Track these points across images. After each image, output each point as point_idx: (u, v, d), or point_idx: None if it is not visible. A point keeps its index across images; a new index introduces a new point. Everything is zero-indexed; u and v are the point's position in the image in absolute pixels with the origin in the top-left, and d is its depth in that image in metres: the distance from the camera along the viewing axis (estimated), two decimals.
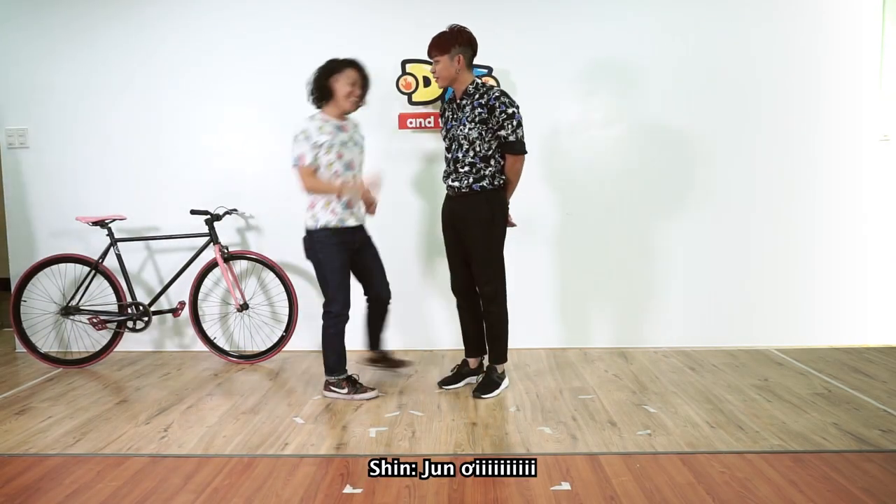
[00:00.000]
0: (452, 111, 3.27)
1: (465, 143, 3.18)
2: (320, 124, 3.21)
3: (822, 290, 4.21)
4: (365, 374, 3.66)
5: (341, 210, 3.22)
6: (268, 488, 2.37)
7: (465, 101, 3.19)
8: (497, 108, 3.09)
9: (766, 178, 4.14)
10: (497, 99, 3.10)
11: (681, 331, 4.23)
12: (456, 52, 3.15)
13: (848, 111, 4.10)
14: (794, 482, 2.34)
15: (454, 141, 3.23)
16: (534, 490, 2.31)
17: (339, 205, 3.21)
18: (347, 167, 3.23)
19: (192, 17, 4.16)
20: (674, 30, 4.07)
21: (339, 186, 3.16)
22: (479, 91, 3.17)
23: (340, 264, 3.23)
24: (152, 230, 4.27)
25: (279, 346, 4.02)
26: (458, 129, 3.20)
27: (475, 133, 3.14)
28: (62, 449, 2.76)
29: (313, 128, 3.19)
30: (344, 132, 3.25)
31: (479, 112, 3.13)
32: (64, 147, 4.27)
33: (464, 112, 3.18)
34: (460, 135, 3.19)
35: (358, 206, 3.29)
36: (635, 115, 4.10)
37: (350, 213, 3.25)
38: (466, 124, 3.16)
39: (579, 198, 4.16)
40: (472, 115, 3.15)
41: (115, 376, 3.82)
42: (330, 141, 3.17)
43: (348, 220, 3.24)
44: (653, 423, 2.93)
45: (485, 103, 3.12)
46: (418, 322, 4.26)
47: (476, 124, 3.14)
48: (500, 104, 3.10)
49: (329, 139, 3.18)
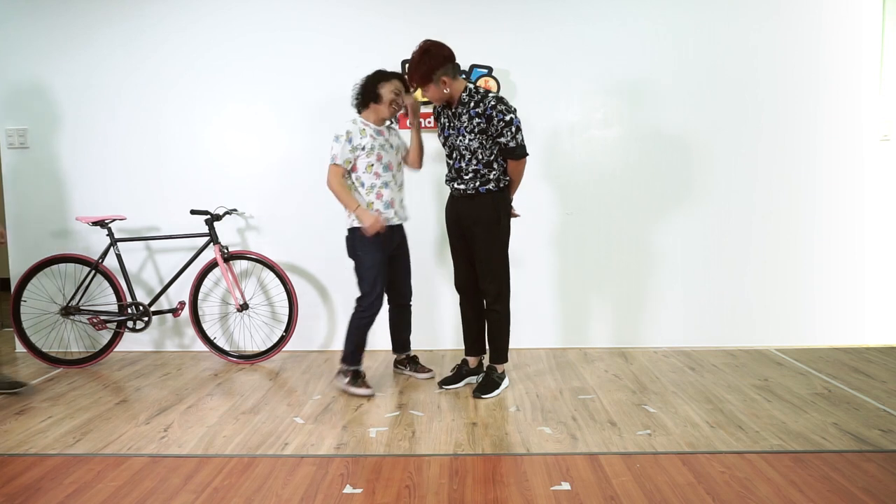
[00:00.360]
0: (448, 118, 3.25)
1: (468, 154, 3.18)
2: (362, 127, 3.34)
3: (822, 290, 4.21)
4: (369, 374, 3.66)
5: (384, 209, 3.36)
6: (268, 488, 2.37)
7: (460, 110, 3.17)
8: (494, 118, 3.08)
9: (766, 178, 4.14)
10: (493, 108, 3.08)
11: (681, 331, 4.23)
12: (439, 76, 3.10)
13: (848, 111, 4.10)
14: (794, 482, 2.34)
15: (455, 150, 3.23)
16: (534, 490, 2.31)
17: (381, 204, 3.35)
18: (386, 168, 3.36)
19: (191, 18, 4.16)
20: (674, 31, 4.07)
21: (355, 208, 3.27)
22: (474, 99, 3.13)
23: (377, 261, 3.35)
24: (152, 230, 4.27)
25: (279, 346, 4.02)
26: (457, 138, 3.20)
27: (476, 143, 3.14)
28: (62, 449, 2.76)
29: (356, 130, 3.32)
30: (382, 136, 3.38)
31: (477, 122, 3.12)
32: (64, 147, 4.27)
33: (461, 121, 3.17)
34: (461, 145, 3.19)
35: (400, 205, 3.43)
36: (635, 115, 4.11)
37: (393, 212, 3.39)
38: (466, 135, 3.15)
39: (579, 198, 4.16)
40: (469, 125, 3.14)
41: (115, 376, 3.82)
42: (371, 144, 3.31)
43: (391, 219, 3.38)
44: (653, 423, 2.93)
45: (481, 113, 3.10)
46: (418, 322, 4.26)
47: (476, 135, 3.13)
48: (497, 112, 3.07)
49: (370, 142, 3.31)
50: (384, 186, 3.35)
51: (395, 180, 3.41)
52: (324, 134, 3.99)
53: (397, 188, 3.43)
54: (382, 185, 3.34)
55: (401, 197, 3.47)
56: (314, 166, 4.06)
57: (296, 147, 4.18)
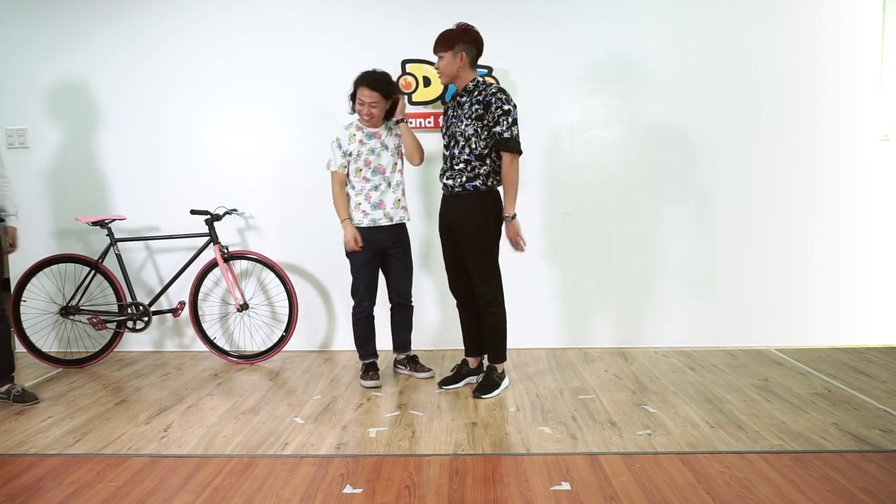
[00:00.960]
0: (453, 108, 3.29)
1: (462, 140, 3.19)
2: (353, 132, 3.44)
3: (822, 290, 4.21)
4: None
5: (371, 210, 3.43)
6: (268, 488, 2.37)
7: (464, 99, 3.21)
8: (493, 104, 3.10)
9: (765, 178, 4.14)
10: (494, 95, 3.11)
11: (681, 331, 4.23)
12: (459, 50, 3.17)
13: (848, 111, 4.10)
14: (794, 482, 2.34)
15: (452, 138, 3.25)
16: (534, 490, 2.31)
17: (369, 205, 3.43)
18: (376, 172, 3.43)
19: (191, 18, 4.16)
20: (674, 31, 4.07)
21: (342, 220, 3.43)
22: (479, 88, 3.19)
23: (363, 262, 3.47)
24: (152, 230, 4.27)
25: (279, 346, 4.02)
26: (456, 125, 3.22)
27: (471, 129, 3.15)
28: (62, 449, 2.76)
29: (345, 136, 3.44)
30: (376, 138, 3.44)
31: (475, 108, 3.15)
32: (64, 147, 4.27)
33: (462, 109, 3.20)
34: (457, 131, 3.21)
35: (394, 205, 3.48)
36: (635, 115, 4.11)
37: (382, 213, 3.45)
38: (464, 121, 3.17)
39: (579, 198, 4.16)
40: (469, 111, 3.16)
41: (115, 376, 3.82)
42: (358, 150, 3.40)
43: (379, 220, 3.45)
44: (653, 423, 2.93)
45: (482, 99, 3.13)
46: (418, 322, 4.26)
47: (472, 121, 3.15)
48: (497, 100, 3.10)
49: (357, 148, 3.40)
50: (374, 189, 3.43)
51: (389, 181, 3.45)
52: (324, 134, 3.99)
53: (390, 189, 3.46)
54: (372, 189, 3.43)
55: (396, 197, 3.47)
56: (314, 166, 4.06)
57: (296, 147, 4.18)
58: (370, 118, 3.39)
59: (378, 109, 3.37)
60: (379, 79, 3.34)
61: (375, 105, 3.35)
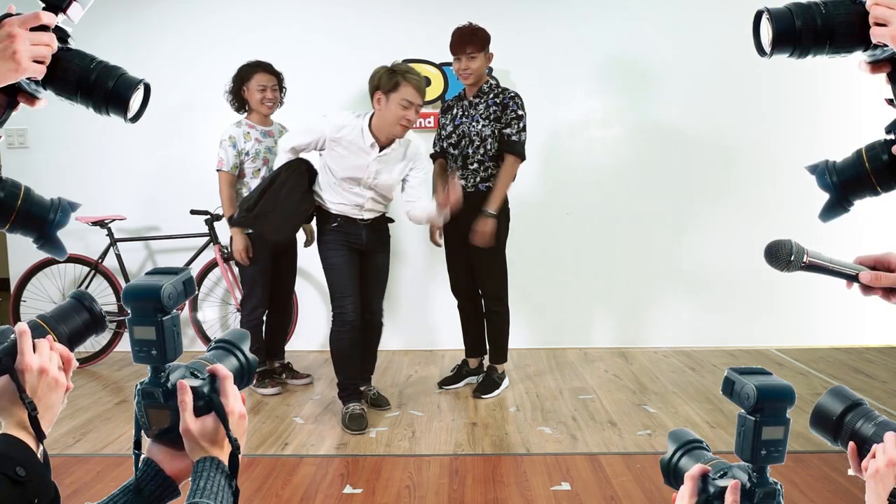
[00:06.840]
0: (463, 109, 3.27)
1: (477, 140, 3.20)
2: (247, 130, 3.32)
3: (822, 290, 4.18)
4: None
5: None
6: (268, 488, 2.36)
7: (478, 100, 3.22)
8: (510, 107, 3.17)
9: (765, 177, 4.13)
10: (512, 99, 3.19)
11: (681, 331, 4.22)
12: (488, 51, 3.23)
13: (848, 111, 4.10)
14: (794, 482, 2.34)
15: (464, 137, 3.24)
16: (534, 490, 2.31)
17: None
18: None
19: (191, 18, 4.16)
20: (674, 31, 4.07)
21: (228, 215, 3.30)
22: (495, 91, 3.22)
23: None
24: (152, 230, 4.26)
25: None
26: (469, 125, 3.22)
27: (488, 130, 3.17)
28: (62, 449, 2.76)
29: (239, 134, 3.30)
30: (270, 137, 3.34)
31: (493, 110, 3.18)
32: (64, 147, 4.26)
33: (477, 110, 3.21)
34: (472, 132, 3.20)
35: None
36: (635, 115, 4.11)
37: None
38: (480, 121, 3.18)
39: (579, 198, 4.16)
40: (486, 112, 3.18)
41: (115, 376, 3.82)
42: (256, 148, 3.29)
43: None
44: (653, 423, 2.93)
45: (500, 102, 3.18)
46: (418, 322, 4.26)
47: (490, 122, 3.17)
48: (514, 104, 3.18)
49: (255, 146, 3.29)
50: None
51: None
52: None
53: None
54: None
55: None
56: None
57: None
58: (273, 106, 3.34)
59: None
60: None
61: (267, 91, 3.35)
